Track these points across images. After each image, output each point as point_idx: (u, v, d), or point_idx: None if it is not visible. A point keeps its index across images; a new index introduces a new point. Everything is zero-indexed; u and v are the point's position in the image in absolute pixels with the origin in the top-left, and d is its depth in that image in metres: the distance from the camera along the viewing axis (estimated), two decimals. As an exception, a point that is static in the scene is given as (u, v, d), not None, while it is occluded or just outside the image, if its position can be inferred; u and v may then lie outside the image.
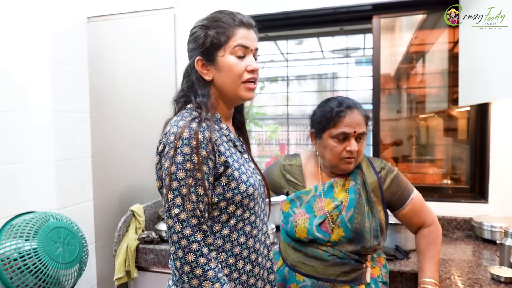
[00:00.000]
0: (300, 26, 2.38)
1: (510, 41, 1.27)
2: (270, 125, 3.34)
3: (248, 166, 1.02)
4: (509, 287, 1.31)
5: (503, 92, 1.40)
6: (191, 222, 0.87)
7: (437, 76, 2.47)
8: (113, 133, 2.34)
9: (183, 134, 0.89)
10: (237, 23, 0.97)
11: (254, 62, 0.98)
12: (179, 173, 0.87)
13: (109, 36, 2.33)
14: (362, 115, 1.25)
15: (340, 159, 1.24)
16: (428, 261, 1.26)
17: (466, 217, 1.95)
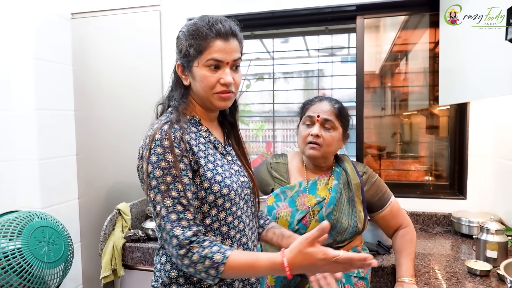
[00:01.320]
0: (286, 25, 2.40)
1: (486, 43, 1.32)
2: (256, 123, 3.37)
3: (228, 167, 1.04)
4: (484, 279, 1.37)
5: (480, 93, 1.45)
6: (170, 218, 0.89)
7: (421, 75, 2.53)
8: (98, 131, 2.33)
9: (156, 136, 0.93)
10: (214, 34, 0.96)
11: (227, 76, 0.97)
12: (156, 172, 0.91)
13: (93, 33, 2.31)
14: (332, 107, 1.33)
15: (306, 144, 1.33)
16: (405, 258, 1.33)
17: (446, 212, 2.02)
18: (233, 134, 1.15)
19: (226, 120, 1.15)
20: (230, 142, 1.14)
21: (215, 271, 0.87)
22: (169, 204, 0.90)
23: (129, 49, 2.27)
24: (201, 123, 1.05)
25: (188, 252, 0.87)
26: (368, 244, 1.68)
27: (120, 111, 2.29)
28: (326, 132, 1.32)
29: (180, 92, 1.04)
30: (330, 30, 2.59)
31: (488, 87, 1.36)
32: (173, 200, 0.90)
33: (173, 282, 0.99)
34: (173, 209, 0.90)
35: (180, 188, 0.91)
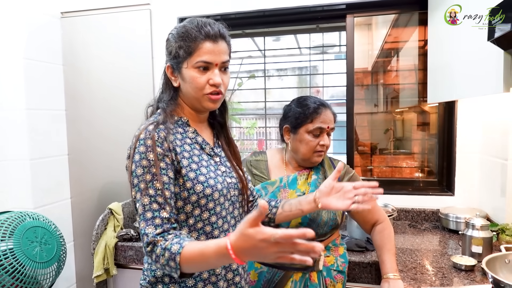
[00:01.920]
0: (277, 23, 2.41)
1: (471, 43, 1.34)
2: (248, 121, 3.38)
3: (215, 169, 1.05)
4: (469, 274, 1.40)
5: (466, 92, 1.48)
6: (146, 216, 0.91)
7: (412, 72, 2.56)
8: (89, 130, 2.33)
9: (140, 135, 0.96)
10: (203, 36, 0.98)
11: (216, 76, 0.99)
12: (138, 170, 0.94)
13: (84, 32, 2.30)
14: (332, 113, 1.39)
15: (313, 152, 1.36)
16: (386, 254, 1.37)
17: (434, 209, 2.05)
18: (223, 135, 1.16)
19: (216, 121, 1.16)
20: (220, 143, 1.14)
21: (174, 263, 0.84)
22: (146, 202, 0.92)
23: (120, 48, 2.27)
24: (188, 124, 1.07)
25: (154, 247, 0.88)
26: (357, 241, 1.71)
27: (111, 111, 2.29)
28: (328, 138, 1.38)
29: (169, 93, 1.06)
30: (321, 28, 2.61)
31: (474, 86, 1.38)
32: (150, 198, 0.92)
33: (158, 281, 1.01)
34: (149, 207, 0.92)
35: (158, 187, 0.93)
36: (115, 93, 2.28)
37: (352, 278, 1.59)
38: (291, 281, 1.31)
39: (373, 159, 2.86)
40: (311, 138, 1.35)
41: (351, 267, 1.58)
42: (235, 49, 2.80)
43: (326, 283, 1.34)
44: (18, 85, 2.02)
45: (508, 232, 1.58)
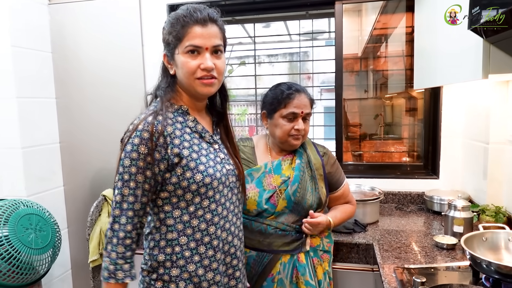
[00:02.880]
0: (266, 10, 2.42)
1: (453, 31, 1.38)
2: (239, 107, 3.40)
3: (214, 156, 1.07)
4: (450, 252, 1.48)
5: (448, 79, 1.52)
6: (122, 206, 0.98)
7: (401, 58, 2.59)
8: (81, 118, 2.33)
9: (139, 126, 0.98)
10: (192, 21, 0.99)
11: (207, 60, 1.00)
12: (125, 161, 0.97)
13: (72, 19, 2.28)
14: (308, 98, 1.42)
15: (289, 136, 1.40)
16: (334, 209, 1.52)
17: (420, 191, 2.12)
18: (223, 124, 1.18)
19: (215, 109, 1.17)
20: (219, 131, 1.16)
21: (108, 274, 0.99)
22: (125, 193, 0.98)
23: (110, 35, 2.26)
24: (188, 113, 1.08)
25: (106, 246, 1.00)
26: (345, 223, 1.76)
27: (102, 98, 2.30)
28: (305, 123, 1.41)
29: (166, 81, 1.08)
30: (310, 15, 2.62)
31: (455, 73, 1.43)
32: (129, 190, 0.97)
33: (160, 265, 1.04)
34: (127, 199, 0.98)
35: (139, 180, 0.97)
36: (105, 80, 2.28)
37: (340, 258, 1.65)
38: (280, 263, 1.37)
39: (363, 144, 2.92)
40: (285, 122, 1.38)
41: (338, 248, 1.65)
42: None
43: (314, 263, 1.40)
44: (7, 74, 2.01)
45: (488, 212, 1.66)
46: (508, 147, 1.67)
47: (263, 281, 1.37)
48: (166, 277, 1.04)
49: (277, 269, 1.37)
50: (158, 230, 1.05)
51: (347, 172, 2.22)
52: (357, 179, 2.17)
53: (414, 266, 1.35)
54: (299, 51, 2.86)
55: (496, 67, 1.13)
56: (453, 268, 1.34)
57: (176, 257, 1.03)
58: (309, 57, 3.88)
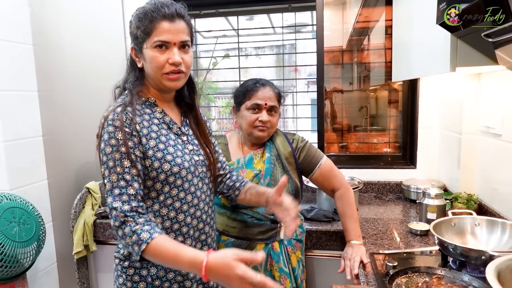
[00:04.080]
0: (249, 2, 2.44)
1: (425, 25, 1.43)
2: (224, 100, 3.42)
3: (182, 147, 1.10)
4: (423, 238, 1.54)
5: (422, 71, 1.58)
6: (114, 192, 0.98)
7: (383, 51, 2.65)
8: (64, 110, 2.32)
9: (109, 116, 1.01)
10: (160, 16, 1.01)
11: (175, 55, 1.02)
12: (107, 149, 0.99)
13: (53, 10, 2.26)
14: (274, 92, 1.46)
15: (253, 128, 1.44)
16: (348, 221, 1.48)
17: (398, 181, 2.19)
18: (192, 115, 1.20)
19: (184, 101, 1.20)
20: (188, 122, 1.19)
21: (138, 248, 0.92)
22: (114, 179, 0.98)
23: (92, 27, 2.25)
24: (156, 105, 1.11)
25: (122, 225, 0.95)
26: (325, 211, 1.82)
27: (85, 90, 2.29)
28: (271, 116, 1.45)
29: (134, 74, 1.10)
30: (293, 8, 2.65)
31: (427, 66, 1.48)
32: (117, 176, 0.98)
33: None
34: (117, 184, 0.97)
35: (125, 165, 0.98)
36: (89, 72, 2.27)
37: (320, 246, 1.71)
38: (255, 251, 1.41)
39: (349, 135, 2.98)
40: (250, 114, 1.43)
41: (319, 236, 1.70)
42: (209, 29, 2.81)
43: (288, 251, 1.47)
44: (-13, 67, 1.99)
45: (460, 200, 1.73)
46: (479, 137, 1.74)
47: None
48: (137, 264, 1.07)
49: None
50: None
51: (328, 163, 2.27)
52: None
53: (389, 251, 1.42)
54: (282, 44, 2.89)
55: (463, 60, 1.18)
56: (425, 252, 1.40)
57: None
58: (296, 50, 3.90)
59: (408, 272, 1.17)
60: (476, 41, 1.09)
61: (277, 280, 1.42)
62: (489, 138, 1.64)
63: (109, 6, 2.22)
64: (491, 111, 1.61)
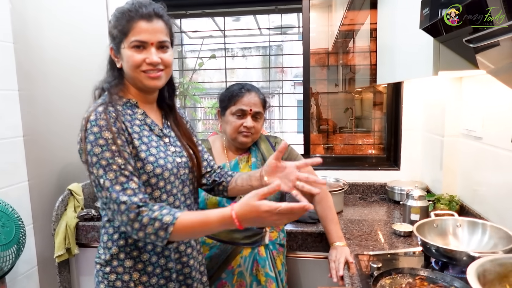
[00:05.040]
0: (236, 4, 2.43)
1: (408, 29, 1.45)
2: (210, 101, 3.41)
3: (164, 149, 1.09)
4: (406, 239, 1.57)
5: (405, 75, 1.60)
6: (115, 189, 0.95)
7: (368, 54, 2.68)
8: (46, 110, 2.27)
9: (90, 117, 0.98)
10: (137, 16, 1.01)
11: (153, 55, 1.01)
12: (95, 149, 0.96)
13: (35, 8, 2.21)
14: (259, 98, 1.46)
15: (238, 133, 1.44)
16: (330, 224, 1.50)
17: (382, 182, 2.22)
18: (172, 117, 1.19)
19: (165, 103, 1.18)
20: (170, 124, 1.17)
21: (164, 232, 0.92)
22: (112, 177, 0.95)
23: (75, 25, 2.21)
24: (137, 106, 1.09)
25: (138, 216, 0.92)
26: (310, 213, 1.81)
27: (68, 90, 2.25)
28: (256, 122, 1.45)
29: (112, 74, 1.09)
30: (279, 10, 2.65)
31: (411, 69, 1.50)
32: (115, 173, 0.95)
33: (114, 258, 1.05)
34: (117, 181, 0.95)
35: (120, 162, 0.96)
36: (72, 72, 2.23)
37: (305, 247, 1.72)
38: (241, 257, 1.42)
39: (334, 137, 3.01)
40: (235, 119, 1.43)
41: (304, 237, 1.71)
42: (195, 29, 2.80)
43: (273, 255, 1.47)
44: (-35, 65, 1.93)
45: (443, 201, 1.76)
46: (461, 140, 1.77)
47: (222, 273, 1.41)
48: (120, 269, 1.05)
49: (238, 262, 1.41)
50: (111, 223, 1.06)
51: (314, 164, 2.29)
52: (324, 171, 2.23)
53: (373, 252, 1.43)
54: (269, 45, 2.90)
55: (445, 64, 1.21)
56: (409, 253, 1.42)
57: (130, 249, 1.05)
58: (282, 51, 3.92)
59: (392, 273, 1.19)
60: (458, 46, 1.12)
61: (263, 284, 1.41)
62: (470, 141, 1.68)
63: (93, 4, 2.18)
64: (472, 114, 1.65)
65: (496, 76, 1.11)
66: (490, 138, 1.49)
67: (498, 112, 1.40)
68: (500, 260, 0.96)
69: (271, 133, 2.31)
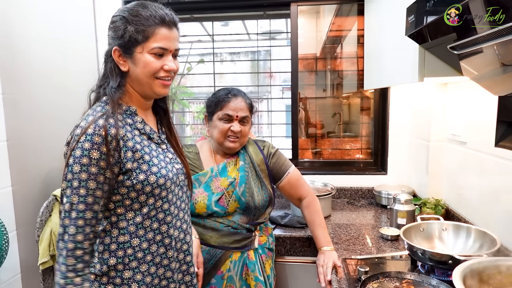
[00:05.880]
0: (225, 9, 2.44)
1: (395, 35, 1.48)
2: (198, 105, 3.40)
3: (163, 157, 1.07)
4: (393, 243, 1.58)
5: (393, 80, 1.63)
6: (71, 215, 0.93)
7: (355, 60, 2.71)
8: (30, 114, 2.23)
9: (88, 129, 0.93)
10: (158, 21, 0.98)
11: (171, 62, 1.01)
12: (75, 167, 0.92)
13: (20, 11, 2.18)
14: (246, 102, 1.47)
15: (225, 138, 1.44)
16: (317, 228, 1.52)
17: (370, 187, 2.24)
18: (166, 121, 1.17)
19: (159, 106, 1.17)
20: (164, 130, 1.16)
21: None
22: (75, 201, 0.92)
23: (62, 27, 2.18)
24: (136, 114, 1.06)
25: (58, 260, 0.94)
26: (299, 218, 1.83)
27: (53, 94, 2.21)
28: (243, 126, 1.46)
29: (116, 80, 1.02)
30: (268, 15, 2.67)
31: (397, 75, 1.53)
32: (79, 198, 0.92)
33: (111, 269, 1.02)
34: (76, 207, 0.92)
35: (91, 187, 0.93)
36: (58, 76, 2.19)
37: (294, 252, 1.72)
38: (230, 261, 1.41)
39: (323, 142, 3.03)
40: (222, 124, 1.44)
41: (293, 242, 1.71)
42: (184, 33, 2.79)
43: (263, 259, 1.47)
44: None
45: (429, 205, 1.78)
46: (446, 144, 1.81)
47: (211, 278, 1.40)
48: (118, 280, 1.02)
49: (227, 267, 1.41)
50: (108, 233, 1.02)
51: (303, 169, 2.30)
52: (312, 176, 2.25)
53: (361, 256, 1.44)
54: (257, 50, 2.91)
55: (431, 71, 1.23)
56: (396, 257, 1.44)
57: (129, 259, 1.02)
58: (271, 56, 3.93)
59: (380, 277, 1.20)
60: (443, 52, 1.14)
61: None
62: (455, 146, 1.71)
63: (80, 7, 2.16)
64: (457, 119, 1.68)
65: (480, 82, 1.13)
66: (474, 143, 1.52)
67: (482, 117, 1.43)
68: (485, 263, 0.98)
69: (259, 138, 2.31)
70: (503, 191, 1.31)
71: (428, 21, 1.03)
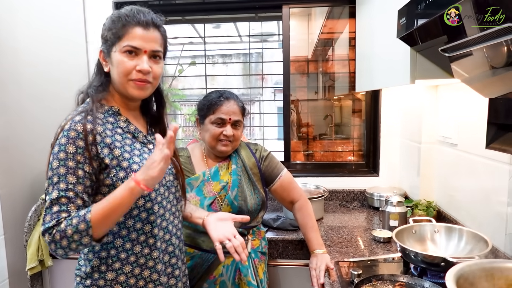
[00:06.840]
0: (216, 11, 2.43)
1: (386, 38, 1.49)
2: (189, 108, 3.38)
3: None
4: (385, 245, 1.58)
5: (383, 83, 1.63)
6: (52, 209, 0.91)
7: (346, 62, 2.72)
8: (18, 117, 2.19)
9: (65, 126, 0.95)
10: (134, 21, 0.99)
11: (144, 63, 0.99)
12: (54, 163, 0.94)
13: (10, 12, 2.14)
14: (238, 106, 1.45)
15: (217, 141, 1.43)
16: (310, 231, 1.51)
17: (362, 189, 2.24)
18: (159, 128, 1.16)
19: (150, 113, 1.16)
20: (154, 132, 1.15)
21: (85, 224, 0.88)
22: (54, 196, 0.92)
23: (52, 31, 2.15)
24: (120, 113, 1.07)
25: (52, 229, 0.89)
26: (291, 220, 1.81)
27: (42, 96, 2.18)
28: (235, 130, 1.44)
29: (99, 79, 1.05)
30: (260, 17, 2.67)
31: (389, 77, 1.53)
32: (59, 193, 0.92)
33: (95, 270, 1.02)
34: (57, 201, 0.92)
35: (70, 181, 0.93)
36: (46, 78, 2.16)
37: (286, 255, 1.71)
38: (223, 266, 1.39)
39: (314, 144, 3.03)
40: (214, 127, 1.42)
41: (285, 245, 1.70)
42: (175, 35, 2.77)
43: (255, 264, 1.46)
44: None
45: (420, 207, 1.79)
46: (437, 146, 1.82)
47: (203, 283, 1.38)
48: (101, 282, 1.02)
49: (220, 271, 1.39)
50: None
51: (295, 171, 2.30)
52: (304, 178, 2.24)
53: (353, 259, 1.44)
54: (249, 52, 2.90)
55: (422, 73, 1.23)
56: (388, 259, 1.44)
57: (112, 260, 1.02)
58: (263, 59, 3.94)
59: (372, 280, 1.19)
60: (434, 55, 1.14)
61: None
62: (446, 148, 1.72)
63: (69, 10, 2.13)
64: (448, 121, 1.69)
65: (470, 84, 1.14)
66: (465, 145, 1.53)
67: (472, 119, 1.44)
68: (477, 265, 0.98)
69: (251, 140, 2.30)
70: (494, 192, 1.32)
71: (419, 23, 1.03)
